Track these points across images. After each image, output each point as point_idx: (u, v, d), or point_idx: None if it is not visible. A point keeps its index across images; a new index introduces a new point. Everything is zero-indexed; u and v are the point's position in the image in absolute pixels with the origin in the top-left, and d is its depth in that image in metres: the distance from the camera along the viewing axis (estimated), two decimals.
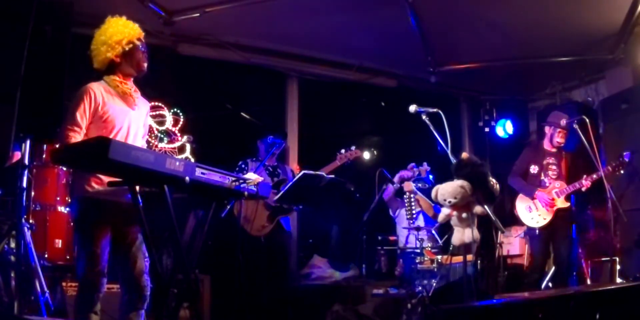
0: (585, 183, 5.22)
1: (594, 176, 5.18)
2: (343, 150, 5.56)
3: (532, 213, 5.42)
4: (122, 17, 3.23)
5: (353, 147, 5.60)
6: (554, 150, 5.52)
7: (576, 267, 5.76)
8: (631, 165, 5.40)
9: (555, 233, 5.37)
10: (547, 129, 5.59)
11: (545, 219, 5.34)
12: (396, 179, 5.80)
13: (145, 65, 3.24)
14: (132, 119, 3.24)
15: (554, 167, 5.45)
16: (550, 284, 5.48)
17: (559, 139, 5.46)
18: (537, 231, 5.40)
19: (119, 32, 3.15)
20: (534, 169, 5.49)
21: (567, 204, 5.31)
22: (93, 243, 3.00)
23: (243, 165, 5.41)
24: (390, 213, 6.02)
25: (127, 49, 3.15)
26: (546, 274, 5.64)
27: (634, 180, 5.71)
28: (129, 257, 3.12)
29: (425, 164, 5.82)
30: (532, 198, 5.41)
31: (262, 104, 6.88)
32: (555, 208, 5.31)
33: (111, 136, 3.06)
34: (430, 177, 5.87)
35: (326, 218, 6.99)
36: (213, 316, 5.11)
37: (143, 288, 3.12)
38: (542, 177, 5.45)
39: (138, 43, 3.20)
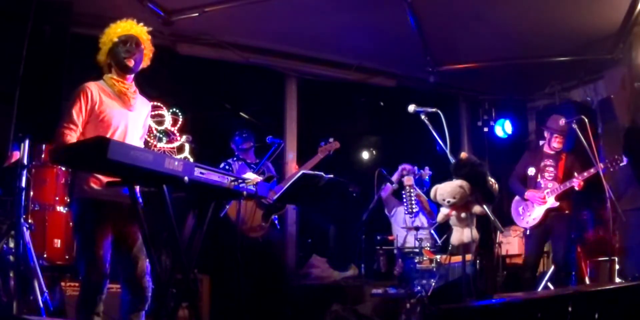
0: (577, 182, 5.22)
1: (585, 174, 5.19)
2: (322, 143, 5.54)
3: (523, 214, 5.51)
4: (129, 19, 3.27)
5: (331, 139, 5.57)
6: (552, 152, 5.54)
7: (575, 267, 5.78)
8: (629, 164, 5.39)
9: (549, 233, 5.42)
10: (545, 133, 5.62)
11: (535, 219, 5.39)
12: (398, 170, 5.81)
13: (131, 61, 3.17)
14: (129, 120, 3.23)
15: (551, 169, 5.47)
16: (549, 284, 5.50)
17: (555, 144, 5.49)
18: (527, 231, 5.52)
19: (106, 33, 3.23)
20: (531, 171, 5.55)
21: (557, 204, 5.30)
22: (95, 244, 3.00)
23: (227, 166, 5.36)
24: (386, 212, 6.02)
25: (109, 47, 3.20)
26: (545, 274, 5.66)
27: (633, 179, 5.71)
28: (130, 258, 3.12)
29: (427, 168, 5.83)
30: (524, 199, 5.49)
31: (261, 103, 6.89)
32: (545, 207, 5.34)
33: (108, 136, 3.06)
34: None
35: (325, 218, 6.99)
36: (212, 316, 5.11)
37: (144, 289, 3.12)
38: (538, 179, 5.49)
39: (117, 39, 3.18)
